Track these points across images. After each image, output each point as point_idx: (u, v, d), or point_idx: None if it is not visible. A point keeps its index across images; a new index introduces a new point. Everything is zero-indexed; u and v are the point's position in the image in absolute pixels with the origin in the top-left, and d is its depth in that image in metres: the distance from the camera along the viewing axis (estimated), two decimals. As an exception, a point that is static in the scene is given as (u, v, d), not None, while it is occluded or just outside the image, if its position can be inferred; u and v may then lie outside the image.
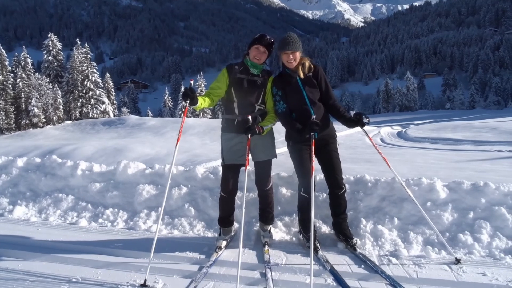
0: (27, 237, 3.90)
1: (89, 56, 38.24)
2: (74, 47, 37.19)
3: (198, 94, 3.30)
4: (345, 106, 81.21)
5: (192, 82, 3.49)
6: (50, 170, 5.04)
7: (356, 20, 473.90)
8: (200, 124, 23.73)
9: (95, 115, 37.16)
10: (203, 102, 3.39)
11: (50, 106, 33.98)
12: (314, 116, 3.35)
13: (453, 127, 24.68)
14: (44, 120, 33.83)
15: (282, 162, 4.22)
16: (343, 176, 3.62)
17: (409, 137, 21.79)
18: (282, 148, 3.71)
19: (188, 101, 3.25)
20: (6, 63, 33.68)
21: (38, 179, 5.00)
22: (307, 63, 3.53)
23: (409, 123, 37.29)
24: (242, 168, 3.60)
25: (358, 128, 3.59)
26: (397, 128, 30.34)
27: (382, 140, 20.76)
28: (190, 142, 17.69)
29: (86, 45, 38.65)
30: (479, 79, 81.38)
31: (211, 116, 40.02)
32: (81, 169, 4.92)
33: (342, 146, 14.99)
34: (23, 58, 35.43)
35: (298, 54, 3.47)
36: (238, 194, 3.95)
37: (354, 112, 3.49)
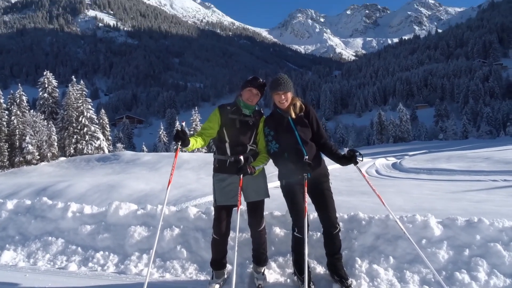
0: (15, 283, 3.79)
1: (84, 92, 38.59)
2: (69, 84, 37.57)
3: (190, 134, 3.34)
4: (339, 138, 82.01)
5: (183, 123, 3.54)
6: (40, 213, 4.97)
7: (348, 53, 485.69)
8: (195, 159, 23.71)
9: (90, 151, 37.07)
10: (195, 143, 3.41)
11: (44, 143, 33.91)
12: (307, 157, 3.37)
13: (447, 158, 24.81)
14: (38, 157, 33.67)
15: (277, 196, 4.20)
16: (337, 215, 3.60)
17: (404, 168, 21.82)
18: (276, 182, 3.72)
19: (179, 143, 3.27)
20: (1, 100, 33.85)
21: (28, 222, 4.92)
22: (298, 103, 3.58)
23: (403, 154, 37.47)
24: (235, 209, 3.58)
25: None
26: (392, 159, 30.45)
27: (377, 171, 20.76)
28: (185, 177, 17.60)
29: (82, 82, 39.11)
30: (471, 109, 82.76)
31: (206, 151, 40.06)
32: (71, 211, 4.85)
33: (337, 178, 14.97)
34: (18, 96, 35.67)
35: (289, 95, 3.53)
36: (231, 234, 3.90)
37: (347, 149, 3.51)
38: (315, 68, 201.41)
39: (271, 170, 3.74)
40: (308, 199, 3.38)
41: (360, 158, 3.46)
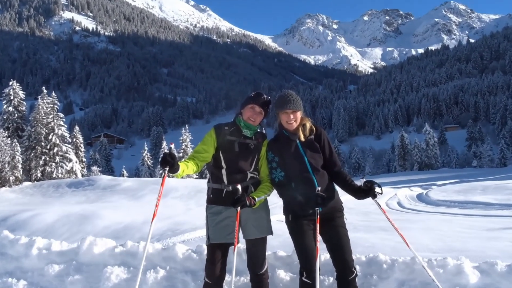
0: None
1: (56, 106, 38.83)
2: (39, 96, 37.86)
3: (180, 157, 3.35)
4: (354, 164, 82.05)
5: (172, 145, 3.55)
6: (0, 249, 4.93)
7: (365, 65, 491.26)
8: (184, 186, 23.63)
9: (60, 175, 37.02)
10: (185, 169, 3.42)
11: (6, 165, 33.87)
12: (319, 188, 3.37)
13: (482, 189, 24.73)
14: (-1, 181, 33.58)
15: (282, 231, 4.17)
16: (353, 256, 3.57)
17: (432, 200, 21.74)
18: (280, 214, 3.71)
19: (167, 169, 3.28)
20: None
21: (-16, 259, 4.87)
22: (308, 124, 3.62)
23: (430, 183, 37.37)
24: (231, 247, 3.56)
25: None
26: (417, 190, 30.36)
27: (399, 204, 20.69)
28: (172, 207, 17.50)
29: (54, 94, 39.39)
30: (509, 131, 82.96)
31: (197, 176, 40.00)
32: (37, 247, 4.81)
33: (352, 212, 14.90)
34: (-22, 109, 35.90)
35: (299, 114, 3.57)
36: (227, 278, 3.85)
37: (363, 179, 3.51)
38: (326, 82, 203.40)
39: (274, 200, 3.74)
40: (319, 237, 3.35)
41: (380, 191, 3.46)
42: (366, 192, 3.46)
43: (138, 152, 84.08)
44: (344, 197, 3.77)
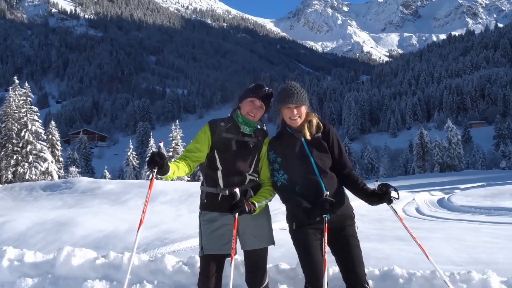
0: None
1: (29, 99, 38.81)
2: (10, 88, 37.83)
3: (169, 156, 3.35)
4: (367, 165, 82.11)
5: (161, 143, 3.54)
6: (-34, 260, 4.93)
7: (379, 53, 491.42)
8: (174, 189, 23.58)
9: (34, 177, 37.03)
10: (176, 170, 3.42)
11: (-27, 165, 33.92)
12: (327, 193, 3.37)
13: (512, 193, 24.71)
14: (-35, 183, 33.61)
15: (284, 241, 4.17)
16: (366, 270, 3.57)
17: (454, 206, 21.72)
18: (282, 222, 3.71)
19: (155, 170, 3.27)
20: None
21: (-52, 272, 4.87)
22: (315, 121, 3.62)
23: (453, 187, 37.40)
24: (228, 259, 3.56)
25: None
26: (438, 195, 30.35)
27: (418, 210, 20.67)
28: (160, 214, 17.47)
29: (27, 84, 39.35)
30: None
31: (189, 179, 40.01)
32: (8, 258, 4.81)
33: (364, 219, 14.93)
34: None
35: (303, 109, 3.57)
36: (222, 294, 3.86)
37: (377, 182, 3.51)
38: (336, 72, 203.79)
39: (276, 205, 3.74)
40: (326, 248, 3.35)
41: (396, 196, 3.46)
42: (380, 196, 3.46)
43: (122, 151, 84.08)
44: (355, 202, 3.77)
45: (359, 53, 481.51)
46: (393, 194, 3.46)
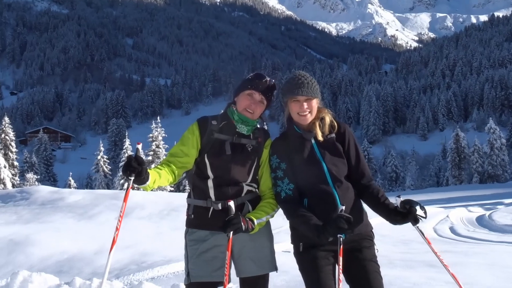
0: None
1: (-22, 90, 38.85)
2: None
3: (149, 161, 3.35)
4: (390, 174, 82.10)
5: (139, 146, 3.49)
6: None
7: (406, 37, 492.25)
8: (155, 202, 23.56)
9: (-18, 185, 37.04)
10: (157, 179, 3.39)
11: None
12: (343, 207, 3.35)
13: None
14: None
15: (289, 266, 4.16)
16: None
17: (497, 225, 21.74)
18: (286, 243, 3.71)
19: (132, 178, 3.25)
20: None
21: None
22: (327, 119, 3.63)
23: (495, 202, 37.35)
24: (220, 288, 3.58)
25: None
26: (477, 211, 30.35)
27: (453, 230, 20.71)
28: (137, 231, 17.46)
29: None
30: None
31: (173, 189, 40.01)
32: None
33: (386, 240, 14.96)
34: None
35: (315, 103, 3.58)
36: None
37: (399, 198, 3.50)
38: (353, 60, 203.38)
39: (279, 222, 3.73)
40: (341, 276, 3.35)
41: (423, 215, 3.44)
42: (404, 215, 3.43)
43: (90, 154, 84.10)
44: (375, 220, 3.77)
45: (382, 37, 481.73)
46: (419, 212, 3.44)
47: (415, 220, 3.43)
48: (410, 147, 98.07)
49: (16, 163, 45.56)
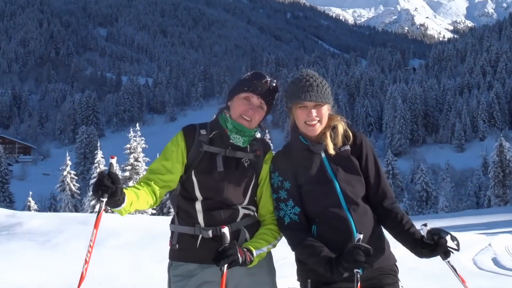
0: None
1: None
2: None
3: (125, 178, 3.35)
4: (420, 193, 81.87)
5: (114, 160, 3.46)
6: None
7: (438, 26, 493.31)
8: (132, 227, 23.54)
9: None
10: (135, 200, 3.36)
11: None
12: (360, 236, 3.30)
13: None
14: None
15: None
16: None
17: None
18: (291, 278, 3.71)
19: (104, 200, 3.23)
20: None
21: None
22: (341, 128, 3.63)
23: (548, 227, 37.42)
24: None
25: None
26: (526, 238, 30.33)
27: (496, 261, 20.69)
28: (112, 263, 17.48)
29: None
30: None
31: (155, 212, 40.02)
32: None
33: (416, 273, 14.98)
34: None
35: (325, 110, 3.58)
36: None
37: (426, 228, 3.37)
38: (374, 54, 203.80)
39: (282, 252, 3.72)
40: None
41: (455, 247, 3.40)
42: (431, 247, 3.36)
43: (55, 169, 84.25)
44: (400, 250, 3.76)
45: (409, 26, 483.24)
46: (450, 243, 3.41)
47: (445, 254, 3.35)
48: (443, 160, 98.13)
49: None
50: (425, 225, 3.37)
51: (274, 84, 3.64)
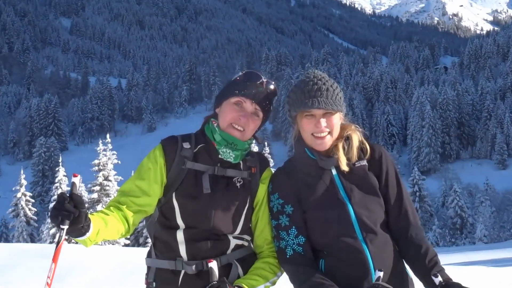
0: None
1: None
2: None
3: (92, 201, 3.34)
4: (453, 219, 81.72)
5: (77, 179, 3.45)
6: None
7: (475, 18, 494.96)
8: (100, 261, 23.57)
9: None
10: (102, 228, 3.34)
11: None
12: (380, 274, 3.25)
13: None
14: None
15: None
16: None
17: None
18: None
19: (65, 228, 3.21)
20: None
21: None
22: (356, 138, 3.64)
23: None
24: None
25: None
26: None
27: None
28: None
29: None
30: None
31: (128, 242, 40.06)
32: None
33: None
34: None
35: (337, 119, 3.58)
36: None
37: (439, 279, 3.27)
38: (397, 49, 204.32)
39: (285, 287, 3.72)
40: None
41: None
42: None
43: (6, 190, 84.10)
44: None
45: (439, 16, 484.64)
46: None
47: None
48: (482, 179, 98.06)
49: None
50: (436, 275, 3.27)
51: (271, 86, 3.64)
